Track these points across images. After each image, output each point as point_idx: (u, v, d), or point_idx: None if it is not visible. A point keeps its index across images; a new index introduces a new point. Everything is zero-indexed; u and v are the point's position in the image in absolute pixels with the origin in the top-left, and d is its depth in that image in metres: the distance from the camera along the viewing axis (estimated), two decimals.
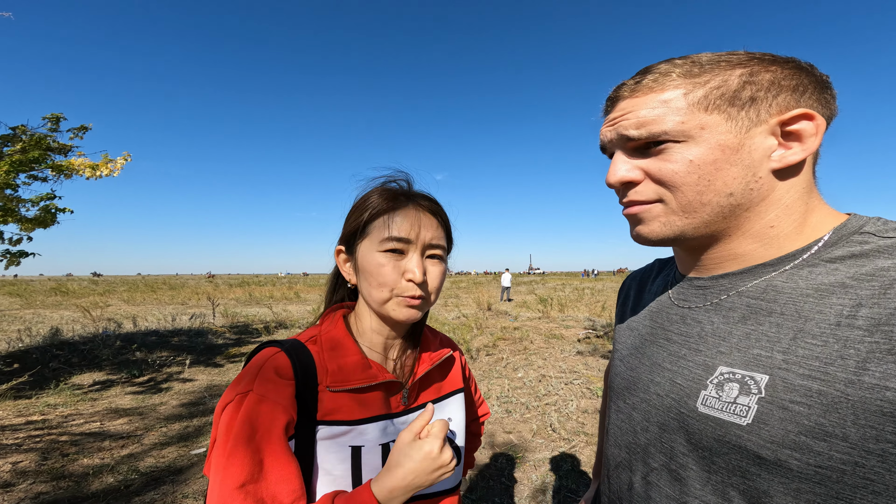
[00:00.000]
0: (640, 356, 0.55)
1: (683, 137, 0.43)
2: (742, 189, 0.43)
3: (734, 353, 0.43)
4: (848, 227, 0.42)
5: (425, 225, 0.62)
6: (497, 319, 9.25)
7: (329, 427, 0.57)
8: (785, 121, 0.42)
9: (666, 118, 0.44)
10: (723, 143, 0.42)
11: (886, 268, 0.37)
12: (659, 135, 0.44)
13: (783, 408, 0.37)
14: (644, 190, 0.47)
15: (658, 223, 0.47)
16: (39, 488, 2.35)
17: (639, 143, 0.46)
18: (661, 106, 0.44)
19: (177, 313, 10.69)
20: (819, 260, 0.42)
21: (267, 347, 0.60)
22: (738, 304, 0.45)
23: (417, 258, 0.61)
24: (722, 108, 0.42)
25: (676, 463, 0.46)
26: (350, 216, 0.66)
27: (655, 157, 0.46)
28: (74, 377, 4.69)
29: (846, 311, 0.37)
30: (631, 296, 0.67)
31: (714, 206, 0.44)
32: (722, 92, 0.43)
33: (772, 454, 0.37)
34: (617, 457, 0.56)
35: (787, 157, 0.42)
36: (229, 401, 0.54)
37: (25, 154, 4.23)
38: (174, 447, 2.93)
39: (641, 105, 0.45)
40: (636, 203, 0.48)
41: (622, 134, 0.47)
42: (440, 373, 0.74)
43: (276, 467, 0.52)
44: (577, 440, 2.96)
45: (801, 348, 0.38)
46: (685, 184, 0.44)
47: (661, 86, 0.45)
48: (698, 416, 0.43)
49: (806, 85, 0.43)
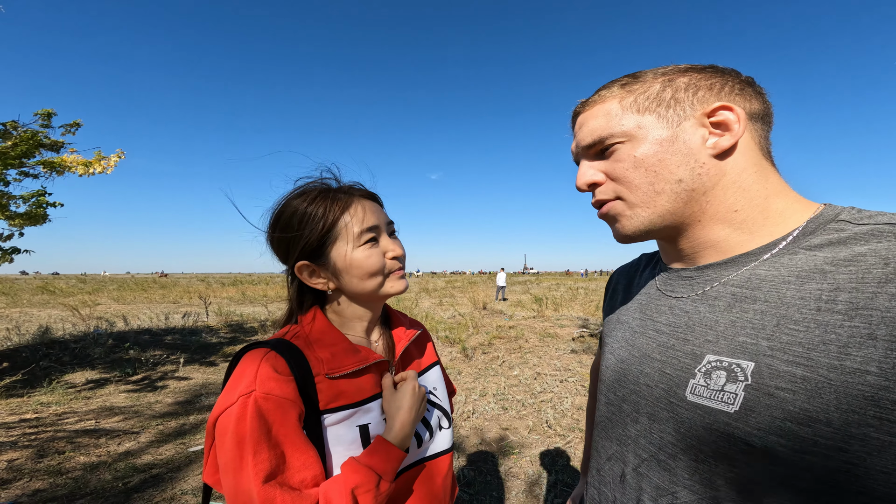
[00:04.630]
0: (630, 348, 0.56)
1: (626, 138, 0.50)
2: (689, 174, 0.47)
3: (721, 342, 0.44)
4: (825, 216, 0.44)
5: (375, 209, 0.68)
6: (492, 318, 9.30)
7: (335, 413, 0.60)
8: (708, 112, 0.48)
9: (609, 124, 0.51)
10: (658, 137, 0.48)
11: (863, 253, 0.38)
12: (606, 138, 0.51)
13: (769, 394, 0.38)
14: (605, 189, 0.53)
15: (626, 219, 0.51)
16: (37, 485, 2.34)
17: (595, 148, 0.53)
18: (605, 115, 0.51)
19: (169, 312, 10.56)
20: (798, 248, 0.43)
21: (253, 349, 0.60)
22: (723, 293, 0.47)
23: (387, 237, 0.68)
24: (651, 109, 0.49)
25: (665, 453, 0.47)
26: (300, 230, 0.63)
27: (609, 159, 0.52)
28: (67, 376, 4.63)
29: (825, 295, 0.38)
30: (619, 290, 0.69)
31: (669, 193, 0.48)
32: (647, 96, 0.50)
33: (759, 441, 0.38)
34: (608, 449, 0.56)
35: (720, 143, 0.47)
36: (230, 404, 0.53)
37: (15, 149, 4.17)
38: (171, 444, 2.92)
39: (591, 117, 0.53)
40: (603, 202, 0.53)
41: (581, 144, 0.54)
42: (417, 350, 0.80)
43: (298, 455, 0.54)
44: (572, 436, 3.02)
45: (784, 334, 0.39)
46: (635, 177, 0.49)
47: (603, 99, 0.52)
48: (687, 404, 0.44)
49: (723, 84, 0.49)
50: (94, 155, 4.76)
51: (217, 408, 0.55)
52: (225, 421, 0.53)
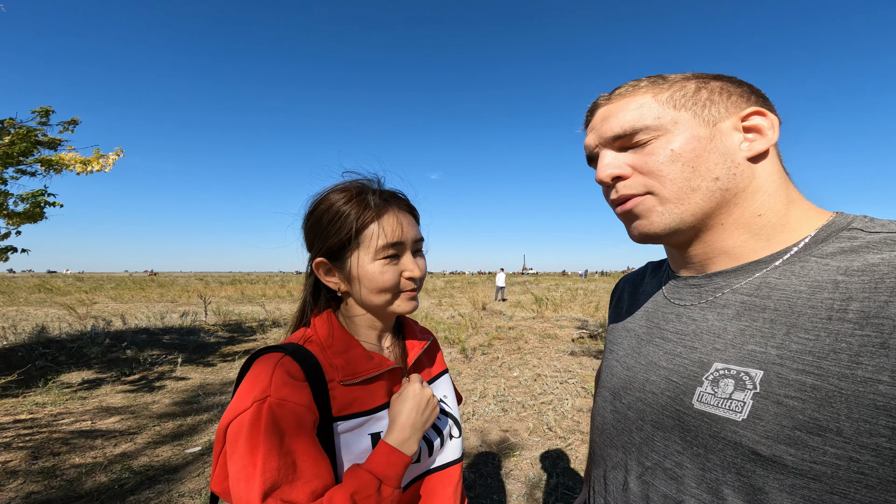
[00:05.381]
0: (636, 356, 0.56)
1: (661, 132, 0.48)
2: (726, 173, 0.46)
3: (729, 350, 0.43)
4: (836, 224, 0.44)
5: (409, 224, 0.66)
6: (492, 319, 9.29)
7: (347, 421, 0.60)
8: (743, 117, 0.48)
9: (643, 116, 0.49)
10: (696, 134, 0.47)
11: (876, 263, 0.37)
12: (641, 130, 0.49)
13: (778, 403, 0.37)
14: (633, 183, 0.49)
15: (655, 215, 0.49)
16: (31, 487, 2.31)
17: (623, 140, 0.50)
18: (638, 107, 0.50)
19: (166, 311, 10.52)
20: (810, 256, 0.43)
21: (268, 353, 0.59)
22: (732, 300, 0.46)
23: (410, 256, 0.65)
24: (688, 107, 0.48)
25: (672, 461, 0.46)
26: (328, 228, 0.63)
27: (640, 152, 0.49)
28: (63, 375, 4.60)
29: (837, 304, 0.37)
30: (625, 298, 0.68)
31: (704, 190, 0.47)
32: (683, 93, 0.49)
33: (767, 450, 0.37)
34: (613, 457, 0.55)
35: (754, 146, 0.47)
36: (244, 409, 0.52)
37: (13, 147, 4.14)
38: (168, 446, 2.89)
39: (619, 109, 0.51)
40: (628, 197, 0.50)
41: (607, 135, 0.51)
42: (428, 358, 0.80)
43: (310, 464, 0.52)
44: (572, 438, 3.00)
45: (794, 343, 0.38)
46: (671, 172, 0.47)
47: (634, 93, 0.51)
48: (694, 412, 0.43)
49: (750, 92, 0.49)
50: (93, 153, 4.73)
51: (229, 412, 0.53)
52: (237, 426, 0.52)
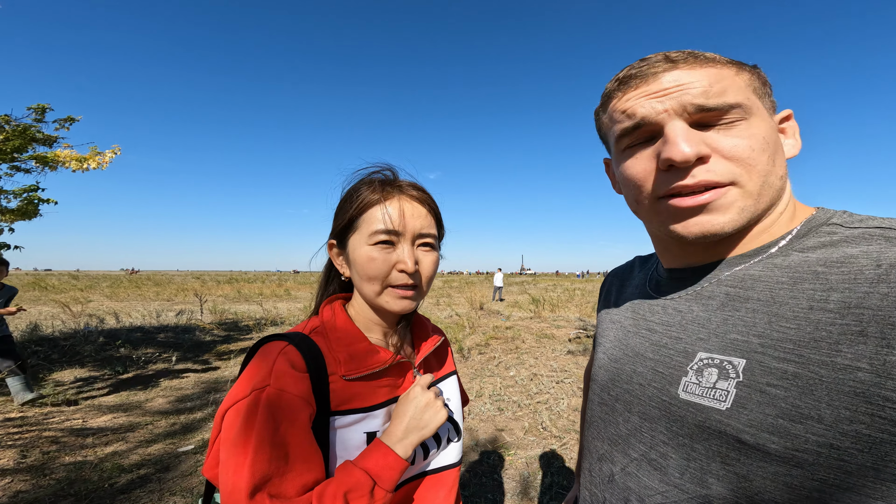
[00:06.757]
0: (623, 348, 0.56)
1: (750, 114, 0.42)
2: (784, 172, 0.45)
3: (712, 339, 0.43)
4: (817, 220, 0.44)
5: (414, 214, 0.62)
6: (489, 319, 9.29)
7: (345, 416, 0.58)
8: (782, 118, 0.46)
9: (736, 91, 0.42)
10: (772, 125, 0.44)
11: (855, 255, 0.38)
12: (736, 106, 0.41)
13: (761, 391, 0.37)
14: (719, 169, 0.41)
15: (735, 211, 0.42)
16: (18, 486, 2.28)
17: (712, 114, 0.41)
18: (725, 79, 0.42)
19: (162, 310, 10.46)
20: (791, 250, 0.43)
21: (273, 341, 0.58)
22: (716, 292, 0.46)
23: (408, 248, 0.61)
24: (760, 95, 0.44)
25: (656, 452, 0.46)
26: (339, 210, 0.65)
27: (727, 133, 0.41)
28: (55, 373, 4.56)
29: (818, 294, 0.38)
30: (612, 292, 0.69)
31: (775, 189, 0.43)
32: (761, 81, 0.45)
33: (751, 438, 0.37)
34: (599, 449, 0.56)
35: (793, 149, 0.46)
36: (243, 396, 0.52)
37: (6, 144, 4.10)
38: (161, 444, 2.87)
39: (704, 76, 0.42)
40: (709, 185, 0.41)
41: (695, 102, 0.41)
42: (437, 359, 0.77)
43: (302, 457, 0.51)
44: (567, 437, 3.00)
45: (775, 332, 0.39)
46: (760, 162, 0.41)
47: (716, 63, 0.43)
48: (680, 402, 0.44)
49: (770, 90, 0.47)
50: (89, 150, 4.69)
51: (228, 399, 0.53)
52: (234, 413, 0.51)
